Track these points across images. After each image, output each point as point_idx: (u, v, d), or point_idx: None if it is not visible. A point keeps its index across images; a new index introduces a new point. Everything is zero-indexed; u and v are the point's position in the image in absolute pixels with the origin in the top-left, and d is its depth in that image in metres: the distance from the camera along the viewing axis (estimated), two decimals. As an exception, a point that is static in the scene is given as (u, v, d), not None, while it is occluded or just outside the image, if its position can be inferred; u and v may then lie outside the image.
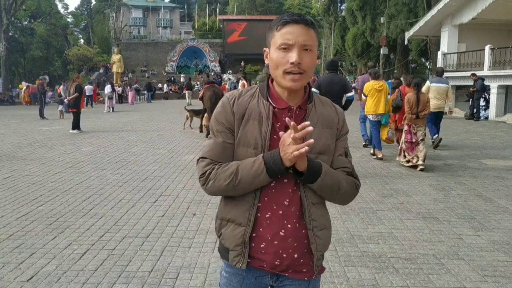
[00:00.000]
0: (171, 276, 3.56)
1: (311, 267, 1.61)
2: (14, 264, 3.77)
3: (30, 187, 6.50)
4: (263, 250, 1.56)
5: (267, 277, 1.61)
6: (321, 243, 1.61)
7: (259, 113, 1.55)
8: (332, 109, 1.67)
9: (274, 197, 1.55)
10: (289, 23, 1.50)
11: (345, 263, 3.85)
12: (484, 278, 3.59)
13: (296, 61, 1.48)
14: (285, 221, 1.55)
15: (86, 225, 4.78)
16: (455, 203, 5.74)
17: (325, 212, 1.67)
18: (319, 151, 1.57)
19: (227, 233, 1.60)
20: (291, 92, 1.56)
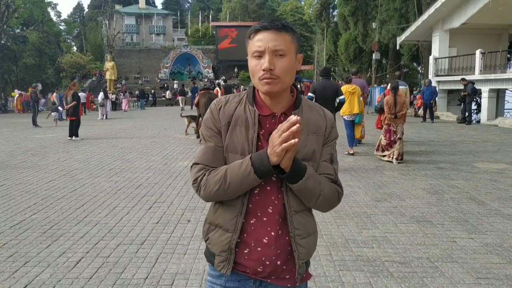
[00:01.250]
0: (167, 283, 3.56)
1: (294, 274, 1.60)
2: (8, 273, 3.76)
3: (23, 195, 6.47)
4: (247, 256, 1.57)
5: (250, 282, 1.61)
6: (303, 251, 1.59)
7: (245, 119, 1.56)
8: (321, 114, 1.65)
9: (259, 204, 1.55)
10: (260, 30, 1.51)
11: (339, 267, 3.86)
12: (477, 281, 3.62)
13: (267, 67, 1.48)
14: (268, 228, 1.55)
15: (81, 233, 4.77)
16: (448, 206, 5.78)
17: (309, 220, 1.64)
18: (304, 158, 1.54)
19: (214, 238, 1.60)
20: (271, 97, 1.56)
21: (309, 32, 68.29)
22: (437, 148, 10.76)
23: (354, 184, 7.03)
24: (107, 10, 62.65)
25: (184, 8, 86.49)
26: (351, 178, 7.43)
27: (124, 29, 65.63)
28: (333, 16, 49.22)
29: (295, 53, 1.56)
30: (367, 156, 9.71)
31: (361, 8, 35.01)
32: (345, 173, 7.85)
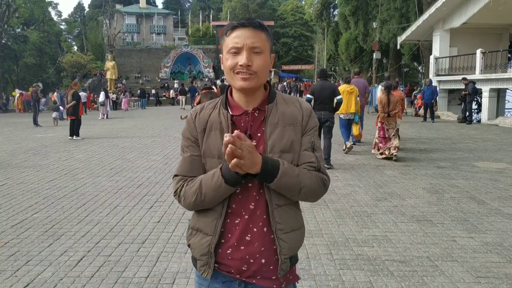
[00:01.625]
0: (168, 281, 3.57)
1: (278, 272, 1.57)
2: (10, 272, 3.78)
3: (25, 194, 6.49)
4: (230, 256, 1.56)
5: (235, 283, 1.60)
6: (285, 246, 1.56)
7: (220, 123, 1.57)
8: (297, 106, 1.64)
9: (241, 203, 1.55)
10: (237, 27, 1.53)
11: (340, 266, 3.88)
12: (477, 279, 3.63)
13: (245, 63, 1.50)
14: (250, 225, 1.54)
15: (82, 232, 4.79)
16: (448, 206, 5.80)
17: (294, 214, 1.62)
18: (282, 150, 1.54)
19: (195, 243, 1.60)
20: (246, 94, 1.57)
21: (310, 32, 68.34)
22: (437, 148, 10.77)
23: (355, 183, 7.05)
24: (107, 10, 62.65)
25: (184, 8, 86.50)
26: (351, 178, 7.45)
27: (124, 29, 65.65)
28: (334, 15, 49.20)
29: (269, 52, 1.58)
30: (367, 155, 9.72)
31: (361, 7, 35.00)
32: (345, 172, 7.87)
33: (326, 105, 8.34)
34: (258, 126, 1.56)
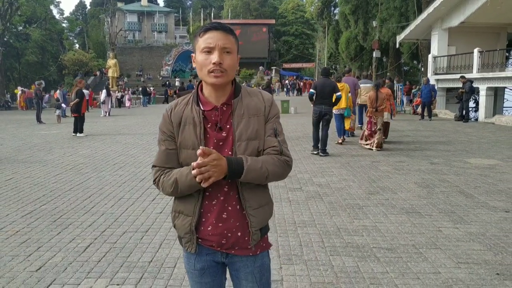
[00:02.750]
0: (170, 265, 3.85)
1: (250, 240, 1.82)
2: (23, 257, 4.06)
3: (32, 188, 6.78)
4: (211, 232, 1.79)
5: (217, 254, 1.86)
6: (255, 220, 1.80)
7: (192, 118, 1.78)
8: (259, 98, 1.87)
9: (217, 187, 1.77)
10: (210, 29, 1.74)
11: (330, 252, 4.16)
12: (458, 265, 3.90)
13: (217, 61, 1.70)
14: (226, 204, 1.78)
15: (88, 222, 5.07)
16: (437, 199, 6.06)
17: (261, 193, 1.84)
18: (248, 138, 1.77)
19: (178, 223, 1.85)
20: (216, 89, 1.78)
21: (311, 30, 68.54)
22: (432, 145, 11.03)
23: (349, 178, 7.32)
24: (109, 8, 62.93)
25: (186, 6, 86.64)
26: (346, 173, 7.72)
27: (126, 27, 65.91)
28: (334, 14, 49.35)
29: (236, 53, 1.81)
30: (363, 152, 9.98)
31: (361, 6, 35.19)
32: (341, 168, 8.14)
33: (326, 100, 9.38)
34: (227, 118, 1.80)
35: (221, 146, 1.78)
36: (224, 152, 1.76)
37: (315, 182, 6.96)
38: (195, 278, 1.92)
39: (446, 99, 22.93)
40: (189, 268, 1.93)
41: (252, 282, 1.87)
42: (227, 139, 1.77)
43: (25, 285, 3.49)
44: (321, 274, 3.69)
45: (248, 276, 1.86)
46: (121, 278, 3.61)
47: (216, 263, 1.89)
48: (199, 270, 1.89)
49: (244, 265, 1.86)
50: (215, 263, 1.89)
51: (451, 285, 3.50)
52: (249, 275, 1.86)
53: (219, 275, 1.94)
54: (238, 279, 1.90)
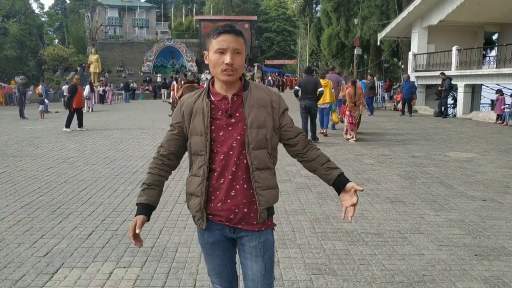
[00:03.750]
0: (171, 250, 4.07)
1: (258, 218, 2.03)
2: (28, 244, 4.23)
3: (27, 180, 6.89)
4: (220, 208, 2.02)
5: (226, 229, 2.09)
6: (263, 199, 2.01)
7: (202, 109, 2.02)
8: (266, 91, 2.11)
9: (224, 166, 1.99)
10: (223, 33, 1.97)
11: (321, 237, 4.43)
12: (439, 247, 4.22)
13: (229, 62, 1.94)
14: (233, 183, 1.99)
15: (87, 212, 5.24)
16: (419, 189, 6.40)
17: (269, 177, 2.06)
18: (258, 126, 2.00)
19: (190, 204, 2.10)
20: (227, 85, 2.02)
21: (293, 27, 68.85)
22: (413, 139, 11.44)
23: (335, 170, 7.60)
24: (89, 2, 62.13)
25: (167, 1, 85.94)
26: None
27: (106, 22, 65.17)
28: (316, 11, 49.82)
29: (245, 53, 2.07)
30: (348, 147, 10.31)
31: (343, 4, 35.65)
32: (327, 161, 8.42)
33: (309, 95, 10.44)
34: (237, 107, 2.03)
35: (230, 131, 2.01)
36: (232, 135, 2.01)
37: (303, 174, 7.24)
38: (208, 251, 2.16)
39: (426, 95, 23.51)
40: (202, 243, 2.16)
41: (257, 256, 2.07)
42: (236, 125, 2.01)
43: (35, 269, 3.67)
44: (314, 256, 3.96)
45: (253, 250, 2.07)
46: (126, 261, 3.82)
47: (226, 238, 2.11)
48: (211, 244, 2.13)
49: (250, 239, 2.07)
50: (225, 237, 2.11)
51: (434, 265, 3.81)
52: (253, 249, 2.07)
53: (229, 249, 2.16)
54: (244, 253, 2.11)
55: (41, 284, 3.39)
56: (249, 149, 1.99)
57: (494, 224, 4.91)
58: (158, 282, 3.44)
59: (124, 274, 3.57)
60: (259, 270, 2.07)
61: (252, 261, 2.08)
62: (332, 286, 3.39)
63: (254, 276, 2.07)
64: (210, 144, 2.00)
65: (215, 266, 2.17)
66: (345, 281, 3.48)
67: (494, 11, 20.16)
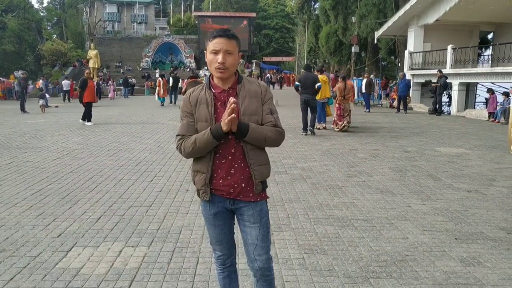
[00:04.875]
0: (175, 232, 4.41)
1: (254, 190, 2.39)
2: (42, 226, 4.56)
3: (34, 170, 7.21)
4: (221, 184, 2.38)
5: (227, 202, 2.44)
6: (257, 174, 2.37)
7: (206, 99, 2.37)
8: (257, 84, 2.47)
9: (225, 149, 2.35)
10: (217, 36, 2.32)
11: (314, 222, 4.77)
12: (423, 232, 4.56)
13: (221, 61, 2.29)
14: (233, 163, 2.36)
15: (95, 199, 5.57)
16: (409, 181, 6.75)
17: (261, 153, 2.41)
18: (250, 113, 2.35)
19: (197, 179, 2.45)
20: (222, 80, 2.38)
21: (291, 24, 69.06)
22: (406, 135, 11.79)
23: (330, 163, 7.96)
24: (88, -3, 62.20)
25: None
26: (327, 159, 8.35)
27: (105, 17, 65.30)
28: (315, 9, 50.08)
29: (238, 53, 2.41)
30: (342, 141, 10.66)
31: (341, 2, 35.95)
32: (322, 155, 8.77)
33: (308, 90, 11.40)
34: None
35: None
36: None
37: (298, 167, 7.58)
38: (210, 221, 2.51)
39: (421, 93, 23.87)
40: (205, 214, 2.51)
41: (254, 222, 2.43)
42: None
43: (50, 248, 4.00)
44: (307, 239, 4.30)
45: (251, 217, 2.43)
46: (134, 241, 4.15)
47: (226, 209, 2.46)
48: (213, 215, 2.47)
49: (247, 209, 2.43)
50: (225, 209, 2.46)
51: (417, 247, 4.15)
52: (251, 217, 2.43)
53: (229, 220, 2.52)
54: (243, 221, 2.46)
55: (57, 260, 3.73)
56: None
57: (476, 213, 5.26)
58: (164, 259, 3.77)
59: (132, 252, 3.91)
60: (257, 234, 2.42)
61: (251, 227, 2.42)
62: (322, 264, 3.73)
63: (253, 240, 2.41)
64: None
65: (216, 235, 2.51)
66: (334, 260, 3.82)
67: (489, 11, 20.53)
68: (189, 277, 3.46)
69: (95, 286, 3.28)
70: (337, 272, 3.58)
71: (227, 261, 2.57)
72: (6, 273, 3.49)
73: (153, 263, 3.70)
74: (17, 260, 3.72)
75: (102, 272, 3.51)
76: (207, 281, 3.39)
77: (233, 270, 2.62)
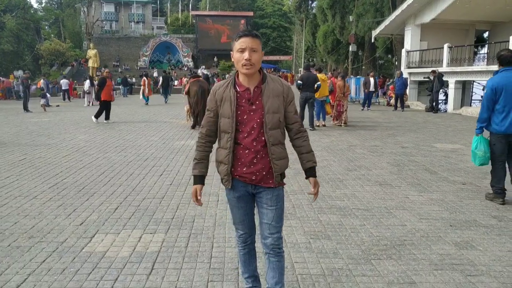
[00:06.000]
0: (189, 221, 4.73)
1: (274, 179, 2.69)
2: (64, 216, 4.86)
3: (47, 166, 7.51)
4: (245, 172, 2.67)
5: (249, 187, 2.76)
6: (277, 167, 2.65)
7: (229, 97, 2.63)
8: (280, 84, 2.72)
9: (248, 142, 2.63)
10: (242, 36, 2.58)
11: (318, 212, 5.09)
12: (420, 220, 4.89)
13: (248, 58, 2.54)
14: (256, 154, 2.64)
15: (110, 191, 5.88)
16: (406, 175, 7.08)
17: (282, 150, 2.70)
18: (274, 111, 2.61)
19: (220, 169, 2.77)
20: (248, 77, 2.62)
21: (289, 23, 69.34)
22: (403, 132, 12.13)
23: (330, 158, 8.28)
24: (85, -3, 62.34)
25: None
26: (328, 155, 8.68)
27: (102, 17, 65.56)
28: (312, 8, 50.43)
29: (261, 50, 2.71)
30: (341, 138, 10.98)
31: (338, 1, 36.32)
32: (323, 151, 9.09)
33: (309, 88, 12.33)
34: (257, 97, 2.68)
35: (252, 115, 2.66)
36: (254, 119, 2.65)
37: (300, 162, 7.89)
38: (234, 203, 2.83)
39: (418, 91, 24.21)
40: (229, 197, 2.83)
41: (271, 206, 2.74)
42: (257, 110, 2.66)
43: (75, 234, 4.31)
44: (312, 226, 4.63)
45: (268, 201, 2.74)
46: (152, 229, 4.47)
47: (248, 193, 2.78)
48: (237, 198, 2.79)
49: (266, 193, 2.74)
50: (247, 193, 2.78)
51: (414, 233, 4.48)
52: (269, 200, 2.74)
53: (250, 203, 2.83)
54: (261, 203, 2.77)
55: (83, 245, 4.04)
56: (266, 129, 2.64)
57: (470, 203, 5.59)
58: (181, 244, 4.09)
59: (152, 238, 4.22)
60: (272, 216, 2.73)
61: (268, 209, 2.73)
62: (327, 247, 4.05)
63: (269, 220, 2.73)
64: (236, 125, 2.65)
65: (239, 215, 2.83)
66: (338, 244, 4.14)
67: (485, 10, 20.90)
68: (206, 259, 3.77)
69: (121, 266, 3.59)
70: (341, 255, 3.90)
71: (248, 239, 2.89)
72: (38, 256, 3.80)
73: (171, 247, 4.01)
74: (46, 245, 4.03)
75: (125, 255, 3.83)
76: (223, 262, 3.70)
77: (253, 248, 2.94)
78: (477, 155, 5.85)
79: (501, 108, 5.45)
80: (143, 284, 3.30)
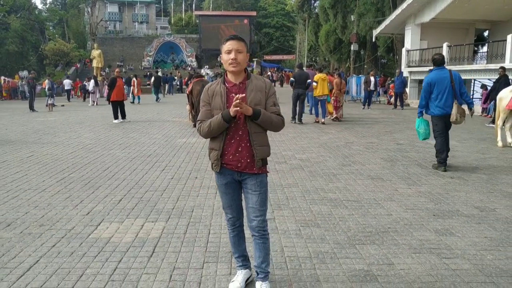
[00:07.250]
0: (188, 211, 5.05)
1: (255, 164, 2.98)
2: (71, 207, 5.19)
3: (54, 162, 7.85)
4: (231, 159, 2.99)
5: (235, 174, 3.06)
6: (259, 153, 2.96)
7: (220, 92, 2.98)
8: (263, 81, 3.08)
9: (235, 131, 2.96)
10: (229, 39, 2.96)
11: (310, 203, 5.41)
12: (406, 210, 5.19)
13: (234, 58, 2.90)
14: (240, 143, 2.96)
15: (114, 185, 6.21)
16: (398, 170, 7.37)
17: (263, 137, 3.02)
18: (255, 104, 2.93)
19: (211, 155, 3.08)
20: (235, 74, 2.98)
21: (292, 22, 69.60)
22: (400, 130, 12.41)
23: (326, 155, 8.59)
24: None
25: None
26: (324, 151, 8.98)
27: (106, 17, 65.98)
28: (315, 7, 50.69)
29: (246, 52, 3.03)
30: (339, 135, 11.28)
31: (340, 1, 36.59)
32: (319, 147, 9.39)
33: (301, 85, 13.42)
34: (242, 91, 3.01)
35: None
36: None
37: (297, 158, 8.21)
38: (222, 189, 3.15)
39: (418, 90, 24.44)
40: (218, 183, 3.15)
41: (255, 191, 3.06)
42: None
43: (82, 223, 4.64)
44: (303, 215, 4.94)
45: (253, 186, 3.06)
46: (153, 218, 4.80)
47: (234, 180, 3.10)
48: (224, 184, 3.11)
49: (250, 179, 3.06)
50: (234, 180, 3.09)
51: (399, 222, 4.78)
52: (253, 186, 3.06)
53: (237, 189, 3.15)
54: (246, 189, 3.09)
55: (89, 232, 4.37)
56: (248, 119, 2.97)
57: (455, 195, 5.88)
58: (180, 231, 4.42)
59: (153, 226, 4.55)
60: (256, 200, 3.05)
61: (252, 194, 3.06)
62: (316, 234, 4.36)
63: (253, 204, 3.05)
64: None
65: (227, 201, 3.15)
66: (326, 231, 4.45)
67: (484, 9, 21.12)
68: (202, 243, 4.09)
69: (124, 250, 3.92)
70: (328, 240, 4.21)
71: (236, 223, 3.21)
72: (49, 241, 4.13)
73: (171, 234, 4.34)
74: (55, 232, 4.36)
75: (129, 240, 4.16)
76: (218, 246, 4.03)
77: (241, 230, 3.27)
78: (420, 132, 7.86)
79: (435, 97, 7.30)
80: (144, 265, 3.63)
